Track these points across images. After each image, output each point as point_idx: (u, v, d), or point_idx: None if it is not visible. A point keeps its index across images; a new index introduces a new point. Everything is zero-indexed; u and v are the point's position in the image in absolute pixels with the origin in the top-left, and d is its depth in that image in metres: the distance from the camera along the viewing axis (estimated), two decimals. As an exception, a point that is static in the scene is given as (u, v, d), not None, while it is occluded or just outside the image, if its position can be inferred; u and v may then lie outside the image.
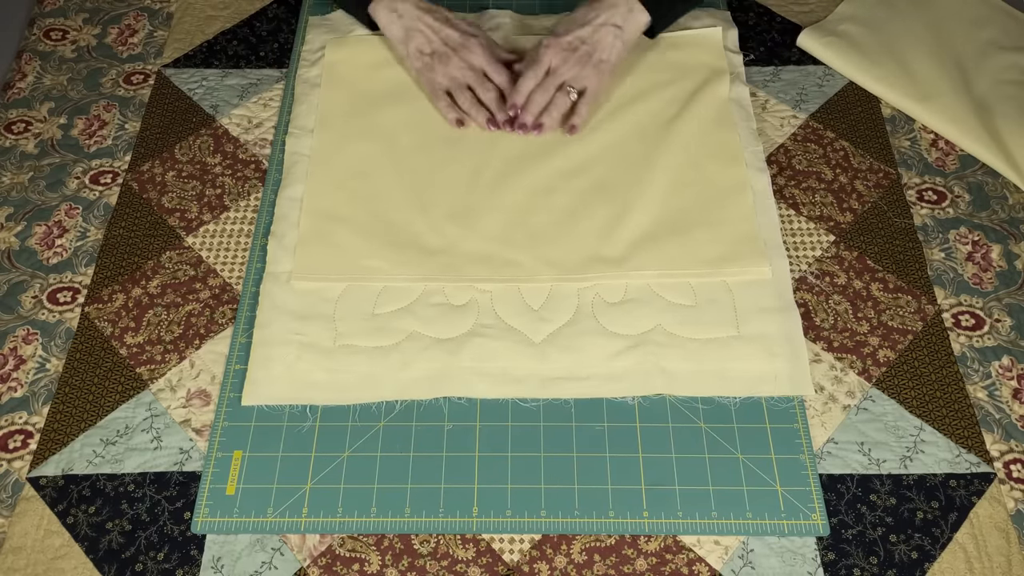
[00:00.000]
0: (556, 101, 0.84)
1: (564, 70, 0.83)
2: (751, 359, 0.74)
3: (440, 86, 0.86)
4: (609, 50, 0.83)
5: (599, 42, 0.83)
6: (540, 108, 0.84)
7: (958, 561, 0.66)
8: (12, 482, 0.69)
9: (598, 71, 0.83)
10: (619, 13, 0.84)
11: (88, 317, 0.78)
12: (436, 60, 0.86)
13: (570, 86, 0.83)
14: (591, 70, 0.83)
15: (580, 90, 0.84)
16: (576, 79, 0.83)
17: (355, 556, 0.66)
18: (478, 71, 0.86)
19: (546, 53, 0.84)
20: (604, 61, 0.83)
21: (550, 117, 0.84)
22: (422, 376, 0.73)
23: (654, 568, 0.65)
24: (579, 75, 0.83)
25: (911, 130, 0.91)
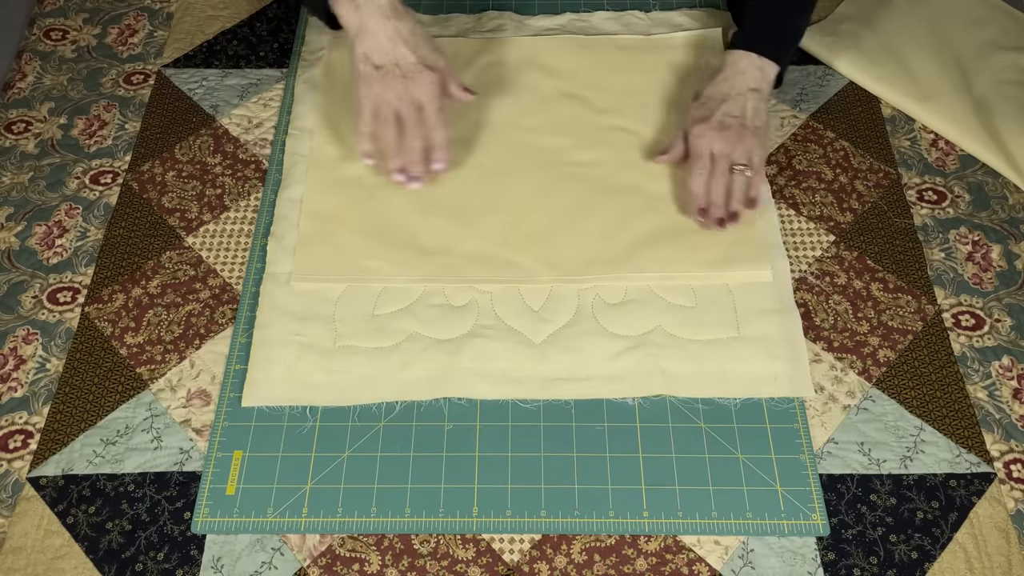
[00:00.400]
0: (735, 185, 0.79)
1: (728, 151, 0.79)
2: (751, 360, 0.74)
3: (370, 104, 0.77)
4: (756, 115, 0.80)
5: (746, 111, 0.80)
6: (724, 198, 0.79)
7: (958, 561, 0.66)
8: (12, 482, 0.69)
9: (757, 139, 0.80)
10: (751, 76, 0.81)
11: (88, 317, 0.78)
12: (379, 76, 0.76)
13: (739, 164, 0.79)
14: (751, 140, 0.79)
15: (748, 163, 0.79)
16: (742, 155, 0.79)
17: (355, 556, 0.66)
18: (416, 106, 0.76)
19: (702, 142, 0.80)
20: (758, 128, 0.80)
21: (737, 202, 0.79)
22: (422, 377, 0.73)
23: (654, 568, 0.65)
24: (743, 150, 0.79)
25: (911, 130, 0.91)
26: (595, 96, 0.92)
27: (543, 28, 0.99)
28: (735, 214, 0.79)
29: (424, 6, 1.02)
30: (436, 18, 1.00)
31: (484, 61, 0.95)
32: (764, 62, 0.82)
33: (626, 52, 0.96)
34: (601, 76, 0.94)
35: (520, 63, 0.95)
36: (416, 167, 0.78)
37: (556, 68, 0.94)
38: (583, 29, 0.99)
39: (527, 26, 0.99)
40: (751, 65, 0.82)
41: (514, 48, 0.96)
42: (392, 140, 0.77)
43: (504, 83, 0.93)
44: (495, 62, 0.95)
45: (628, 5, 1.02)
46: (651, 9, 1.01)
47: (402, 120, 0.77)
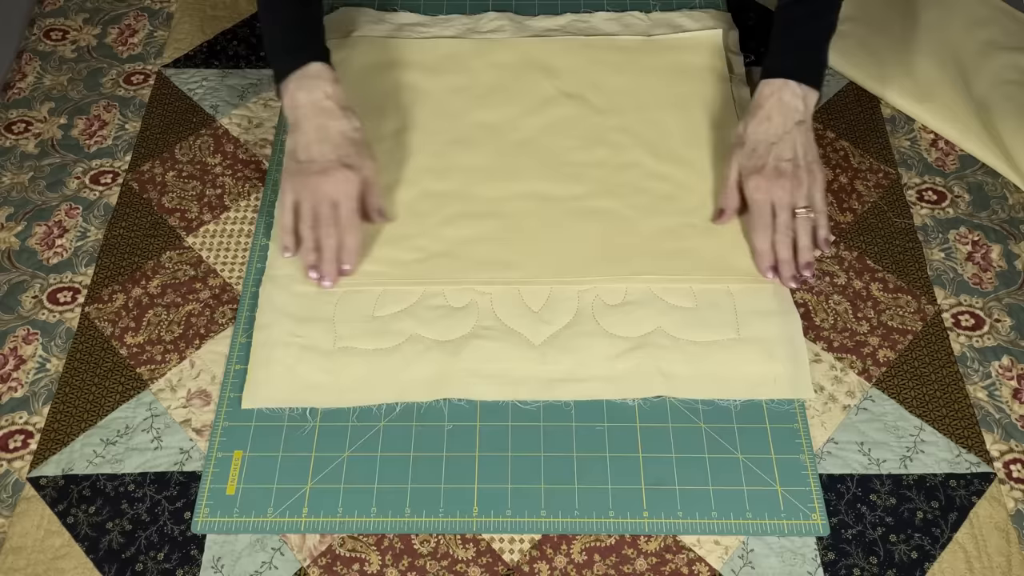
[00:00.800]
0: (800, 230, 0.76)
1: (787, 199, 0.76)
2: (751, 362, 0.74)
3: (289, 198, 0.77)
4: (808, 148, 0.77)
5: (797, 150, 0.77)
6: (791, 251, 0.76)
7: (958, 561, 0.66)
8: (12, 482, 0.69)
9: (813, 175, 0.76)
10: (794, 108, 0.78)
11: (88, 317, 0.78)
12: (299, 171, 0.76)
13: (800, 208, 0.76)
14: (808, 179, 0.76)
15: (808, 206, 0.76)
16: (803, 198, 0.76)
17: (355, 556, 0.66)
18: (331, 204, 0.75)
19: (760, 195, 0.76)
20: (812, 162, 0.77)
21: (804, 254, 0.76)
22: (422, 378, 0.73)
23: (654, 568, 0.65)
24: (804, 193, 0.76)
25: (911, 130, 0.91)
26: (595, 96, 0.92)
27: (543, 29, 0.99)
28: (809, 264, 0.76)
29: (424, 6, 1.02)
30: (436, 18, 1.00)
31: (484, 62, 0.95)
32: (805, 90, 0.78)
33: (626, 53, 0.96)
34: (601, 76, 0.94)
35: (520, 64, 0.95)
36: (328, 266, 0.76)
37: (556, 68, 0.94)
38: (583, 30, 0.99)
39: (527, 27, 0.99)
40: (793, 96, 0.78)
41: (514, 49, 0.96)
42: (308, 236, 0.76)
43: (504, 84, 0.93)
44: (495, 63, 0.95)
45: (628, 6, 1.02)
46: (651, 10, 1.01)
47: (318, 217, 0.76)
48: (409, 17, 1.00)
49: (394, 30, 0.98)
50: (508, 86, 0.93)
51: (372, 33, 0.98)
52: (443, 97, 0.92)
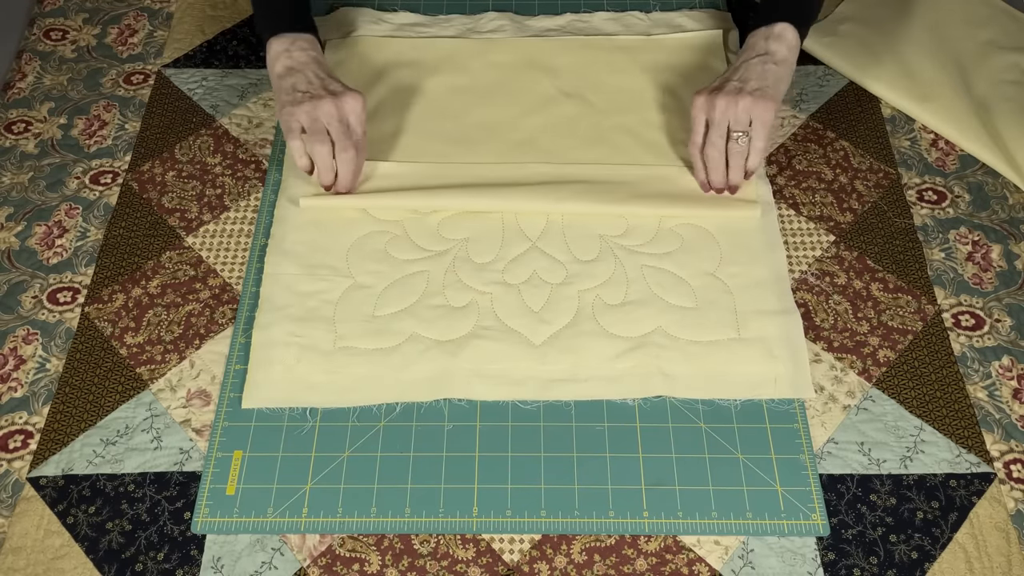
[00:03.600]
0: (732, 153, 0.78)
1: (722, 116, 0.77)
2: (751, 362, 0.74)
3: (298, 122, 0.78)
4: (760, 77, 0.77)
5: (746, 75, 0.78)
6: (721, 166, 0.78)
7: (958, 561, 0.66)
8: (12, 482, 0.69)
9: (755, 99, 0.76)
10: (758, 45, 0.79)
11: (88, 317, 0.78)
12: (307, 98, 0.78)
13: (736, 131, 0.76)
14: (748, 101, 0.75)
15: (747, 130, 0.77)
16: (737, 119, 0.76)
17: (355, 556, 0.66)
18: (344, 124, 0.78)
19: (697, 110, 0.78)
20: (758, 88, 0.76)
21: (734, 174, 0.78)
22: (422, 378, 0.73)
23: (654, 568, 0.65)
24: (738, 113, 0.76)
25: (911, 130, 0.91)
26: (595, 96, 0.92)
27: (543, 29, 0.99)
28: (735, 188, 0.79)
29: (424, 6, 1.02)
30: (436, 18, 1.00)
31: (484, 62, 0.95)
32: (774, 29, 0.79)
33: (626, 53, 0.96)
34: (601, 76, 0.94)
35: (520, 63, 0.95)
36: (343, 183, 0.80)
37: (556, 68, 0.95)
38: (583, 30, 0.99)
39: (527, 27, 0.99)
40: (758, 37, 0.80)
41: (514, 49, 0.96)
42: (326, 155, 0.78)
43: (504, 83, 0.93)
44: (495, 63, 0.95)
45: (628, 6, 1.02)
46: (651, 10, 1.01)
47: (333, 136, 0.78)
48: (409, 17, 1.00)
49: (394, 30, 0.99)
50: (508, 86, 0.93)
51: (372, 33, 0.98)
52: (443, 97, 0.92)
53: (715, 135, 0.78)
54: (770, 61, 0.78)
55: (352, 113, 0.79)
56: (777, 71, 0.78)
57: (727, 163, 0.79)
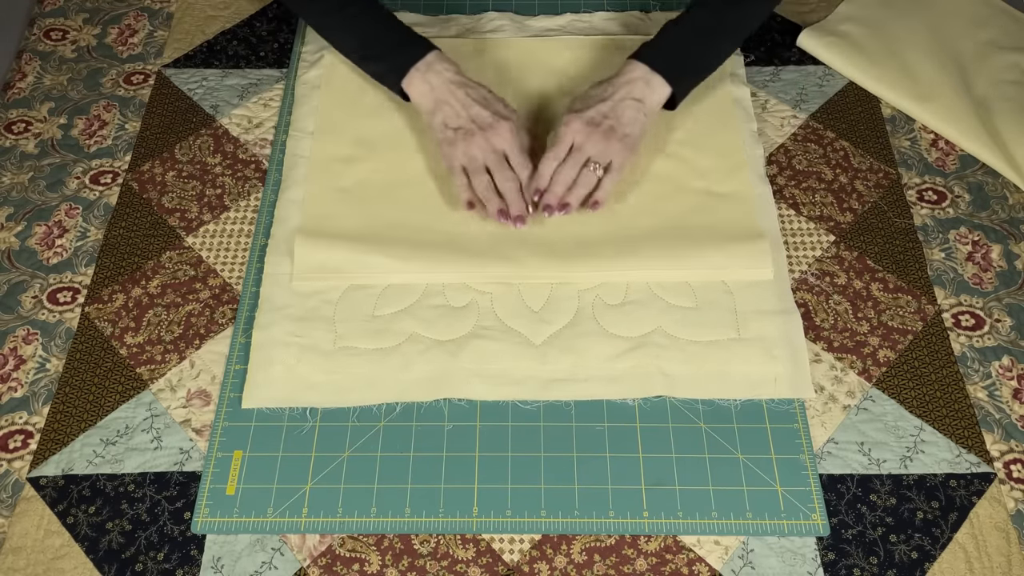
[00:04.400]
0: (581, 179, 0.79)
1: (588, 146, 0.79)
2: (751, 362, 0.74)
3: (458, 162, 0.81)
4: (631, 124, 0.80)
5: (621, 116, 0.80)
6: (565, 187, 0.79)
7: (958, 561, 0.66)
8: (12, 482, 0.69)
9: (623, 145, 0.79)
10: (638, 87, 0.81)
11: (88, 317, 0.78)
12: (460, 136, 0.80)
13: (595, 162, 0.79)
14: (616, 144, 0.79)
15: (605, 166, 0.79)
16: (601, 155, 0.79)
17: (355, 556, 0.66)
18: (500, 154, 0.80)
19: (568, 130, 0.80)
20: (628, 135, 0.80)
21: (575, 195, 0.79)
22: (422, 378, 0.73)
23: (654, 568, 0.65)
24: (604, 150, 0.79)
25: (911, 130, 0.91)
26: (595, 96, 0.92)
27: (543, 29, 0.99)
28: (567, 205, 0.79)
29: (424, 6, 1.02)
30: (436, 18, 1.00)
31: (484, 62, 0.95)
32: (656, 78, 0.81)
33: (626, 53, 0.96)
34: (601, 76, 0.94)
35: (520, 64, 0.95)
36: (515, 206, 0.79)
37: (556, 68, 0.95)
38: (583, 30, 0.99)
39: (527, 27, 0.99)
40: (641, 79, 0.81)
41: (514, 49, 0.96)
42: (486, 189, 0.80)
43: (504, 84, 0.93)
44: (495, 63, 0.95)
45: (628, 6, 1.02)
46: (651, 10, 1.01)
47: (491, 169, 0.80)
48: (409, 17, 1.00)
49: (394, 30, 0.98)
50: (508, 86, 0.93)
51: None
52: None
53: (576, 159, 0.79)
54: (643, 111, 0.81)
55: (504, 143, 0.80)
56: (645, 123, 0.81)
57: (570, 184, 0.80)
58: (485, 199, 0.80)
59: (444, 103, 0.82)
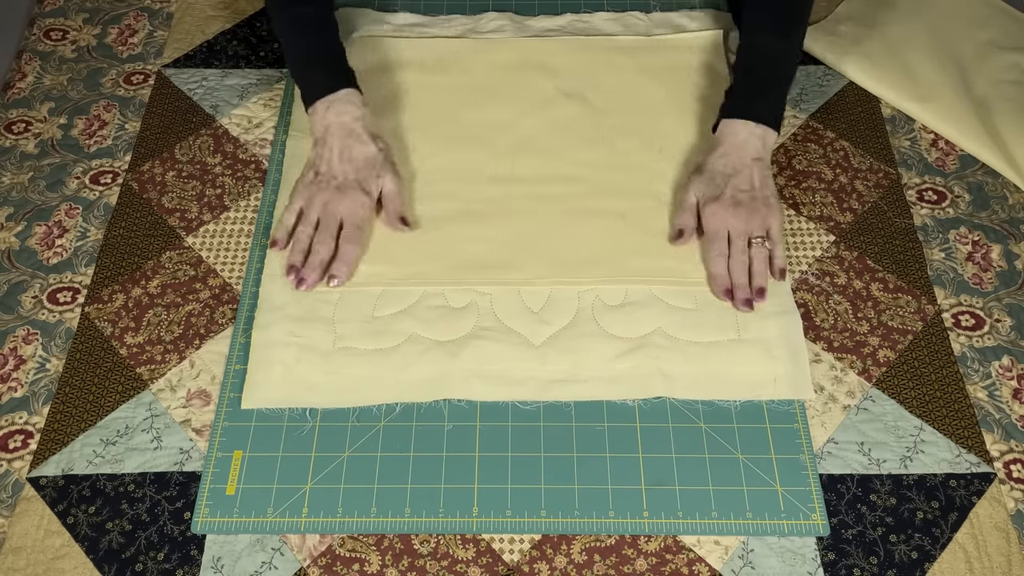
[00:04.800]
0: (755, 261, 0.78)
1: (743, 227, 0.78)
2: (751, 363, 0.74)
3: (299, 202, 0.80)
4: (764, 184, 0.80)
5: (754, 183, 0.79)
6: (746, 277, 0.77)
7: (958, 561, 0.66)
8: (12, 482, 0.69)
9: (770, 210, 0.79)
10: (752, 146, 0.80)
11: (88, 317, 0.78)
12: (317, 181, 0.80)
13: (758, 237, 0.78)
14: (765, 212, 0.78)
15: (766, 235, 0.78)
16: (759, 228, 0.78)
17: (355, 556, 0.66)
18: (336, 220, 0.79)
19: (717, 221, 0.78)
20: (768, 197, 0.79)
21: (760, 276, 0.77)
22: (422, 378, 0.73)
23: (654, 568, 0.65)
24: (760, 223, 0.78)
25: (911, 130, 0.91)
26: (595, 96, 0.92)
27: (543, 29, 0.99)
28: (762, 290, 0.77)
29: (424, 7, 1.02)
30: (436, 18, 1.00)
31: (484, 62, 0.95)
32: (764, 129, 0.81)
33: (626, 53, 0.96)
34: (601, 76, 0.94)
35: (520, 64, 0.95)
36: (311, 273, 0.77)
37: (556, 68, 0.95)
38: (583, 30, 0.99)
39: (527, 27, 0.99)
40: (751, 135, 0.80)
41: (514, 49, 0.96)
42: (303, 238, 0.79)
43: (504, 84, 0.93)
44: (495, 63, 0.95)
45: (629, 6, 1.02)
46: (652, 10, 1.01)
47: (320, 227, 0.79)
48: (409, 17, 1.00)
49: (394, 30, 0.99)
50: (508, 86, 0.93)
51: (372, 33, 0.98)
52: (443, 97, 0.92)
53: (739, 246, 0.78)
54: (766, 168, 0.81)
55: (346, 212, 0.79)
56: (771, 177, 0.81)
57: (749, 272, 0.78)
58: (293, 247, 0.79)
59: (325, 145, 0.81)
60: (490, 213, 0.83)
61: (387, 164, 0.82)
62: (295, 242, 0.79)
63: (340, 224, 0.79)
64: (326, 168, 0.81)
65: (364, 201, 0.79)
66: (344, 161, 0.81)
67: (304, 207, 0.80)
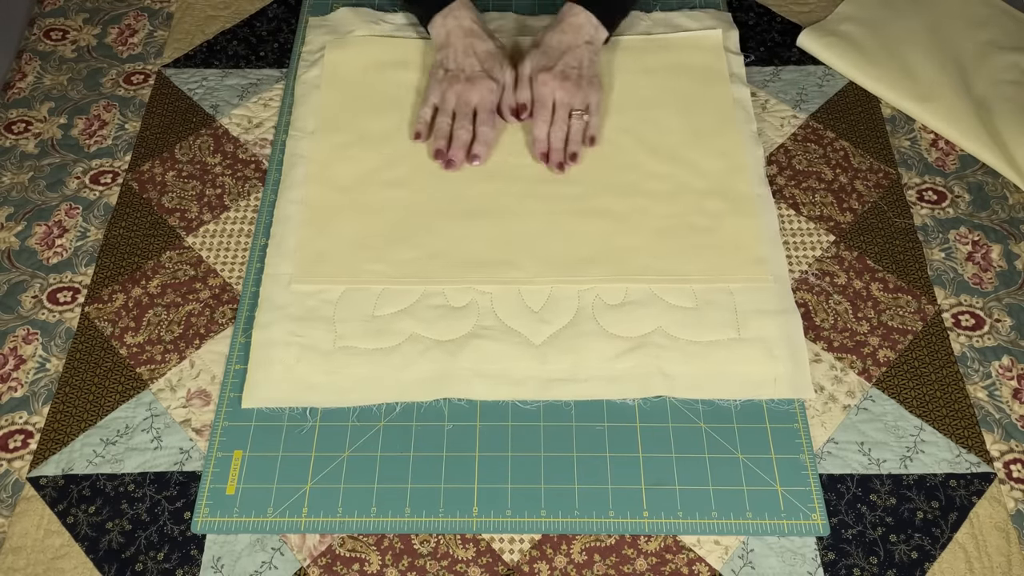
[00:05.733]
0: (573, 129, 0.87)
1: (567, 99, 0.87)
2: (751, 362, 0.74)
3: (434, 98, 0.88)
4: (592, 65, 0.89)
5: (582, 62, 0.88)
6: (563, 142, 0.86)
7: (958, 561, 0.66)
8: (12, 482, 0.69)
9: (594, 87, 0.88)
10: (587, 31, 0.89)
11: (88, 317, 0.78)
12: (446, 77, 0.88)
13: (578, 110, 0.86)
14: (588, 88, 0.87)
15: (585, 109, 0.87)
16: (581, 102, 0.87)
17: (355, 556, 0.66)
18: (470, 106, 0.87)
19: (546, 90, 0.87)
20: (595, 76, 0.89)
21: (575, 144, 0.86)
22: (422, 378, 0.73)
23: (654, 568, 0.65)
24: (583, 97, 0.87)
25: (911, 130, 0.91)
26: (595, 96, 0.92)
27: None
28: (575, 155, 0.86)
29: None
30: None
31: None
32: (598, 25, 0.90)
33: (626, 53, 0.96)
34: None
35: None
36: (457, 152, 0.85)
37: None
38: (583, 29, 0.99)
39: (528, 27, 0.99)
40: (588, 22, 0.90)
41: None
42: (444, 128, 0.87)
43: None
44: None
45: (628, 5, 1.02)
46: (652, 10, 1.01)
47: (457, 115, 0.87)
48: (409, 17, 1.00)
49: (394, 30, 0.98)
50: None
51: (372, 33, 0.98)
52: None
53: (562, 115, 0.87)
54: (595, 53, 0.91)
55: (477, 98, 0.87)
56: (598, 62, 0.91)
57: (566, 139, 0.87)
58: (436, 135, 0.87)
59: (448, 46, 0.90)
60: (490, 212, 0.83)
61: (507, 58, 0.91)
62: (437, 130, 0.87)
63: (474, 111, 0.87)
64: (454, 64, 0.89)
65: (493, 87, 0.88)
66: (469, 56, 0.89)
67: (438, 102, 0.88)
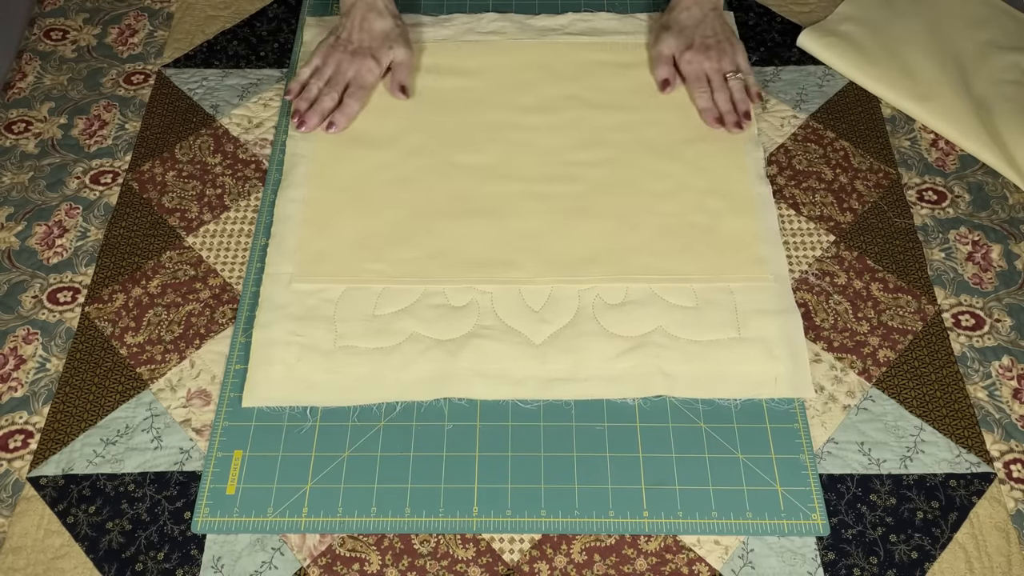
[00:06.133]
0: (735, 90, 0.90)
1: (717, 67, 0.90)
2: (751, 361, 0.74)
3: (317, 60, 0.91)
4: (725, 28, 0.93)
5: (715, 29, 0.92)
6: (731, 105, 0.89)
7: (958, 561, 0.66)
8: (12, 482, 0.69)
9: (735, 48, 0.92)
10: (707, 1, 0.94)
11: (88, 317, 0.78)
12: (337, 44, 0.91)
13: (729, 73, 0.90)
14: (731, 50, 0.91)
15: (736, 69, 0.91)
16: (730, 65, 0.91)
17: (355, 556, 0.66)
18: (345, 78, 0.90)
19: (694, 67, 0.91)
20: (731, 37, 0.93)
21: (743, 103, 0.89)
22: (422, 377, 0.73)
23: (654, 568, 0.65)
24: (730, 61, 0.91)
25: (911, 130, 0.91)
26: (595, 96, 0.92)
27: (544, 28, 0.99)
28: (748, 112, 0.89)
29: (425, 6, 1.02)
30: (436, 18, 1.00)
31: (484, 62, 0.95)
32: None
33: (627, 53, 0.96)
34: (602, 76, 0.94)
35: (520, 64, 0.95)
36: (312, 116, 0.88)
37: (556, 68, 0.94)
38: (584, 30, 0.99)
39: (528, 27, 0.99)
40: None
41: (514, 49, 0.96)
42: (312, 92, 0.90)
43: (504, 83, 0.93)
44: (495, 63, 0.95)
45: (629, 7, 1.02)
46: (652, 10, 1.01)
47: (330, 83, 0.90)
48: (409, 17, 1.00)
49: (394, 30, 0.99)
50: (508, 86, 0.93)
51: None
52: (443, 97, 0.92)
53: (718, 82, 0.90)
54: (723, 15, 0.95)
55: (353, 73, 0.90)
56: (728, 22, 0.96)
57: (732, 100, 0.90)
58: (303, 96, 0.89)
59: (348, 16, 0.93)
60: (490, 212, 0.83)
61: (400, 38, 0.92)
62: (305, 91, 0.90)
63: (347, 84, 0.90)
64: (346, 35, 0.92)
65: (372, 67, 0.90)
66: (362, 31, 0.91)
67: (320, 65, 0.91)
